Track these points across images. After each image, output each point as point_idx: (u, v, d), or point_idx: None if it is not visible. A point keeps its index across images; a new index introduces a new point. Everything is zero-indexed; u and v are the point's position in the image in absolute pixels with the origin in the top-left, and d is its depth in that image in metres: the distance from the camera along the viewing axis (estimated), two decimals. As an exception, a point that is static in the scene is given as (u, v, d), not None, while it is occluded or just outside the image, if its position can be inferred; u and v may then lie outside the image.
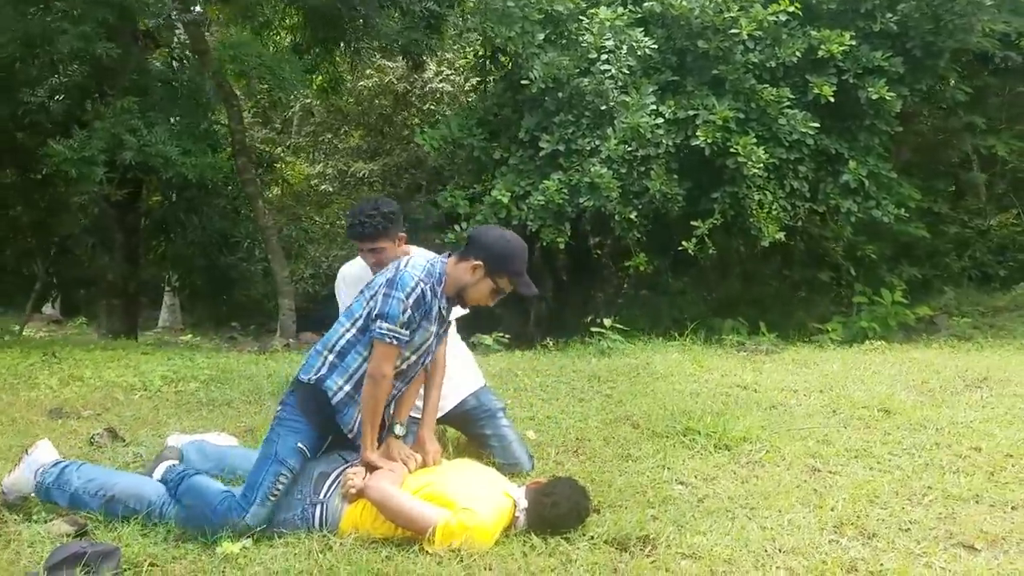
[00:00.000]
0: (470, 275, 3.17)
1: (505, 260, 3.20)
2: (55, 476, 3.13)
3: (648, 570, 2.81)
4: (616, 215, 9.76)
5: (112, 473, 3.25)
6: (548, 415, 4.81)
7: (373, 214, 3.57)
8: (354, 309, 3.19)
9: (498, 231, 3.37)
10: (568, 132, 9.92)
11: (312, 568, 2.72)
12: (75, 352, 7.21)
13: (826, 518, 3.30)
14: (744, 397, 5.29)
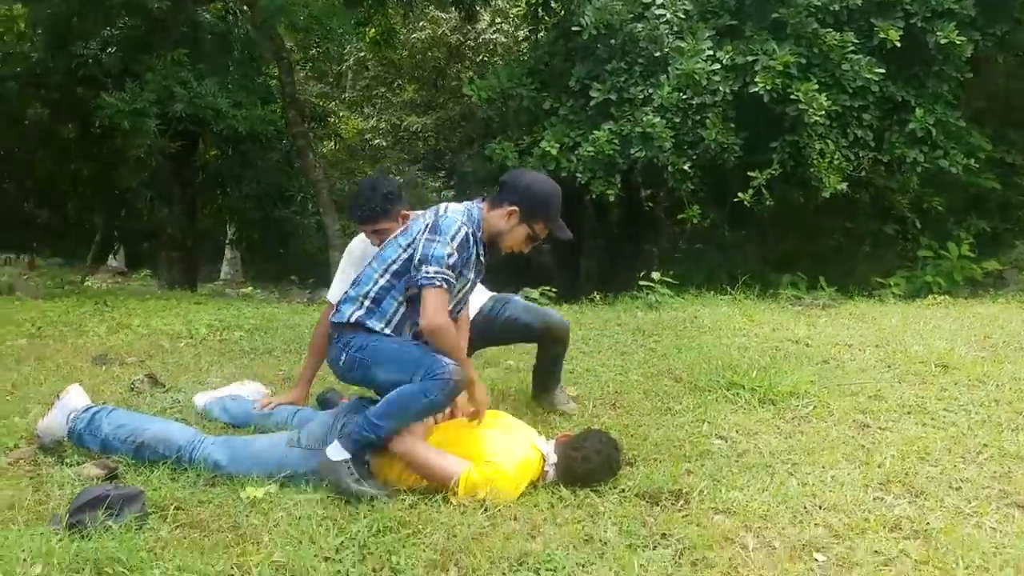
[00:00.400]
0: (505, 221, 3.08)
1: (541, 205, 3.11)
2: (86, 422, 3.14)
3: (679, 524, 2.70)
4: (669, 166, 9.51)
5: (142, 419, 3.24)
6: (588, 368, 4.70)
7: (372, 196, 3.46)
8: (387, 255, 3.09)
9: (531, 175, 3.24)
10: (620, 80, 9.66)
11: (335, 514, 2.68)
12: (128, 302, 7.32)
13: (872, 475, 3.15)
14: (795, 352, 5.10)
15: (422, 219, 3.10)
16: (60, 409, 3.18)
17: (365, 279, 3.11)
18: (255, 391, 3.81)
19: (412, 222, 3.16)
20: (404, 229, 3.16)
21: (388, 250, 3.11)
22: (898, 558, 2.51)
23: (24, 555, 2.24)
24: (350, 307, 3.07)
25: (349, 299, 3.11)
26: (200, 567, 2.30)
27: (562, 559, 2.44)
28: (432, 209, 3.13)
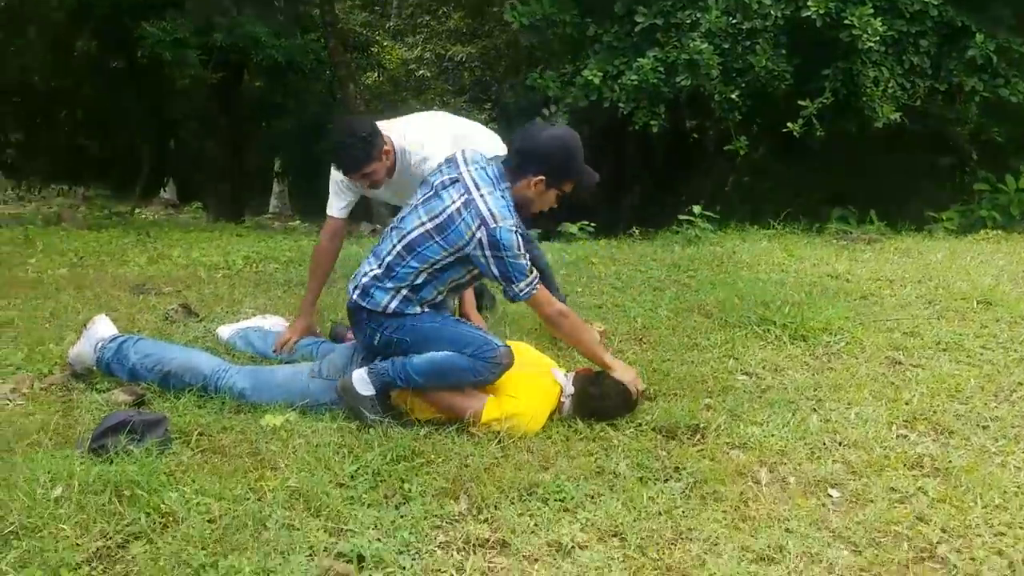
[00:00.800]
0: (532, 191, 2.96)
1: (565, 166, 2.97)
2: (113, 351, 3.20)
3: (692, 458, 2.69)
4: (716, 95, 9.25)
5: (168, 348, 3.30)
6: (617, 304, 4.65)
7: (353, 142, 3.27)
8: (428, 254, 2.88)
9: (548, 135, 3.00)
10: (667, 4, 9.36)
11: (351, 443, 2.72)
12: (171, 233, 7.45)
13: (898, 412, 3.09)
14: (833, 287, 4.99)
15: (467, 210, 2.84)
16: (88, 339, 3.25)
17: (402, 272, 2.92)
18: (277, 324, 3.86)
19: (441, 193, 2.93)
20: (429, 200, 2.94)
21: (427, 249, 2.89)
22: (914, 495, 2.47)
23: (46, 477, 2.31)
24: (385, 297, 2.94)
25: (382, 288, 2.94)
26: (217, 490, 2.36)
27: (571, 489, 2.45)
28: (466, 196, 2.87)
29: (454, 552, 2.15)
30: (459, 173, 2.95)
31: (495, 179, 2.93)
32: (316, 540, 2.15)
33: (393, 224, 3.07)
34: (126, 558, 2.05)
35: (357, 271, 3.07)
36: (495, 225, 2.80)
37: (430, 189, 2.98)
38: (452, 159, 3.04)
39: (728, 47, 9.18)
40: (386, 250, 2.98)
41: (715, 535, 2.24)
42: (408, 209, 3.02)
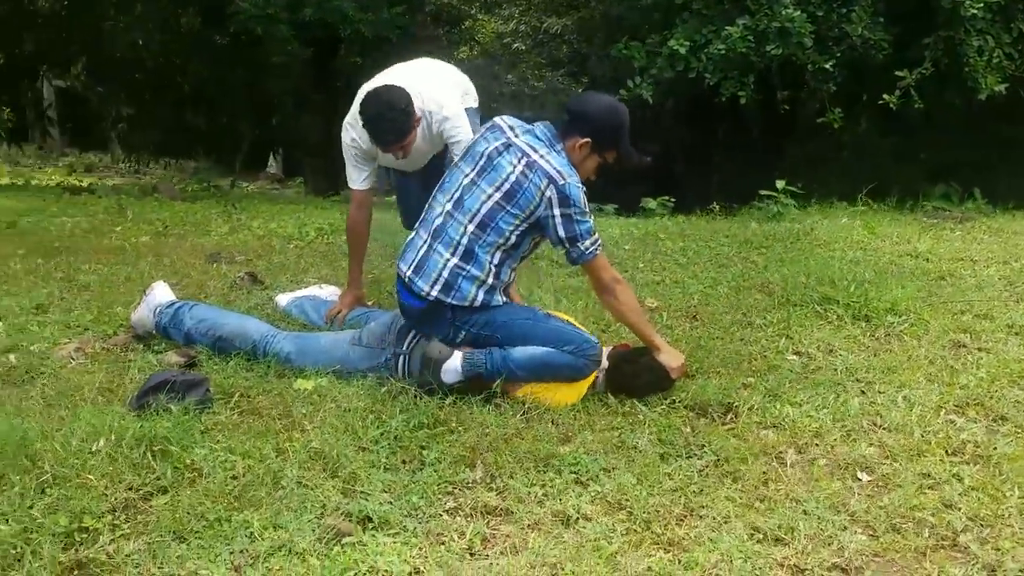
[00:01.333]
0: (576, 153, 2.94)
1: (612, 133, 2.98)
2: (170, 316, 3.35)
3: (719, 437, 2.64)
4: (809, 65, 8.91)
5: (221, 314, 3.43)
6: (676, 280, 4.57)
7: (394, 115, 3.19)
8: (501, 225, 2.85)
9: (601, 101, 3.06)
10: (759, -31, 9.06)
11: (379, 408, 2.78)
12: (258, 205, 7.69)
13: (950, 396, 2.96)
14: (909, 267, 4.78)
15: (528, 175, 2.83)
16: (147, 304, 3.40)
17: (482, 254, 2.87)
18: (332, 293, 3.95)
19: (497, 161, 2.89)
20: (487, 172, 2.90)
21: (501, 220, 2.86)
22: (948, 481, 2.37)
23: (88, 430, 2.45)
24: (472, 288, 2.89)
25: (469, 277, 2.89)
26: (244, 448, 2.45)
27: (587, 462, 2.45)
28: (526, 159, 2.85)
29: (460, 518, 2.18)
30: (508, 139, 2.94)
31: (548, 140, 2.93)
32: (328, 499, 2.21)
33: (447, 210, 2.95)
34: (148, 509, 2.16)
35: (420, 265, 2.95)
36: (563, 181, 2.81)
37: (481, 159, 2.94)
38: (494, 125, 3.02)
39: (822, 15, 8.84)
40: (456, 234, 2.90)
41: (726, 513, 2.20)
42: (463, 187, 2.93)
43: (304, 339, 3.28)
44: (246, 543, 2.01)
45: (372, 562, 1.93)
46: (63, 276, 4.36)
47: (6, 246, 5.03)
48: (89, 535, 2.02)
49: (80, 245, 5.18)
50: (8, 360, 3.13)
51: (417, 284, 2.94)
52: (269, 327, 3.34)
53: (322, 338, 3.28)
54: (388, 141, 3.28)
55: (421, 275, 2.94)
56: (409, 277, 2.97)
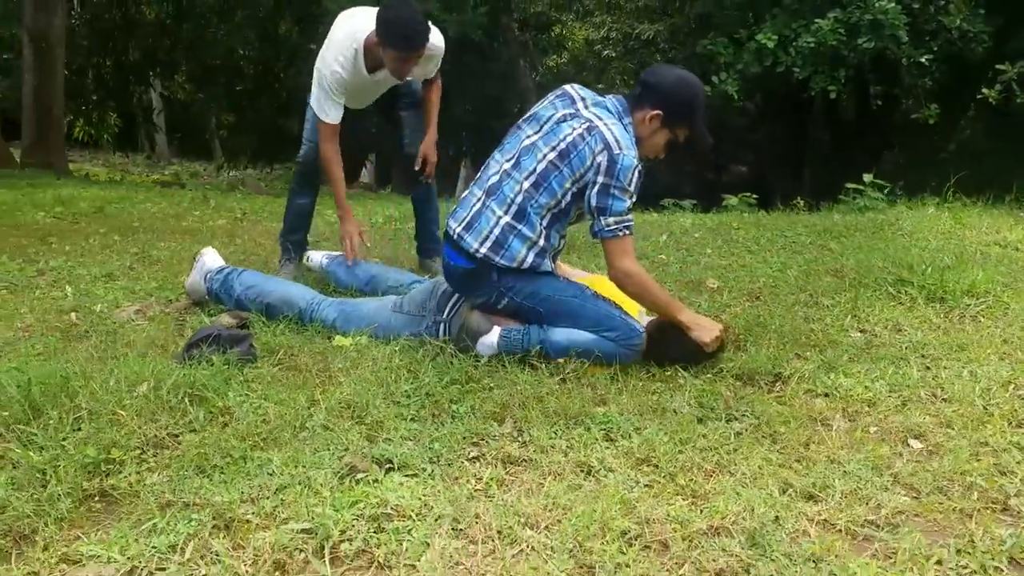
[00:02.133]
0: (646, 126, 2.84)
1: (686, 107, 2.85)
2: (220, 282, 3.41)
3: (763, 402, 2.53)
4: (904, 59, 8.58)
5: (268, 280, 3.46)
6: (744, 264, 4.43)
7: (422, 21, 3.43)
8: (554, 186, 2.79)
9: (675, 73, 2.90)
10: (853, -37, 8.78)
11: (414, 366, 2.76)
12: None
13: (1022, 373, 2.75)
14: (996, 254, 4.50)
15: (585, 139, 2.76)
16: (197, 270, 3.48)
17: (533, 214, 2.82)
18: None
19: (560, 125, 2.84)
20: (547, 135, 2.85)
21: (555, 180, 2.79)
22: (1006, 450, 2.20)
23: (133, 376, 2.51)
24: (523, 248, 2.84)
25: (520, 236, 2.83)
26: (279, 397, 2.48)
27: (620, 421, 2.37)
28: (586, 124, 2.78)
29: (480, 465, 2.14)
30: (576, 109, 2.86)
31: (617, 112, 2.84)
32: (351, 443, 2.20)
33: (504, 168, 2.91)
34: (176, 446, 2.19)
35: (471, 223, 2.89)
36: (618, 151, 2.72)
37: (546, 123, 2.88)
38: (564, 93, 2.95)
39: (918, 7, 8.53)
40: (511, 192, 2.85)
41: (759, 470, 2.10)
42: (523, 148, 2.89)
43: (348, 305, 3.30)
44: (266, 478, 2.02)
45: (383, 496, 1.91)
46: (137, 251, 4.52)
47: (89, 226, 5.27)
48: (115, 466, 2.07)
49: (158, 226, 5.38)
50: (70, 318, 3.26)
51: (467, 240, 2.88)
52: (314, 294, 3.37)
53: (364, 305, 3.29)
54: (420, 44, 3.44)
55: (471, 231, 2.88)
56: (459, 234, 2.91)
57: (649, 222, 5.86)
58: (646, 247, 4.81)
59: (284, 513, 1.86)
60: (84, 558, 1.72)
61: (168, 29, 14.16)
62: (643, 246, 4.85)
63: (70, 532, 1.82)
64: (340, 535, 1.77)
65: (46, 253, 4.41)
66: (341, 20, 3.69)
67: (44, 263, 4.15)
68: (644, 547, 1.76)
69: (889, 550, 1.75)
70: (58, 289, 3.73)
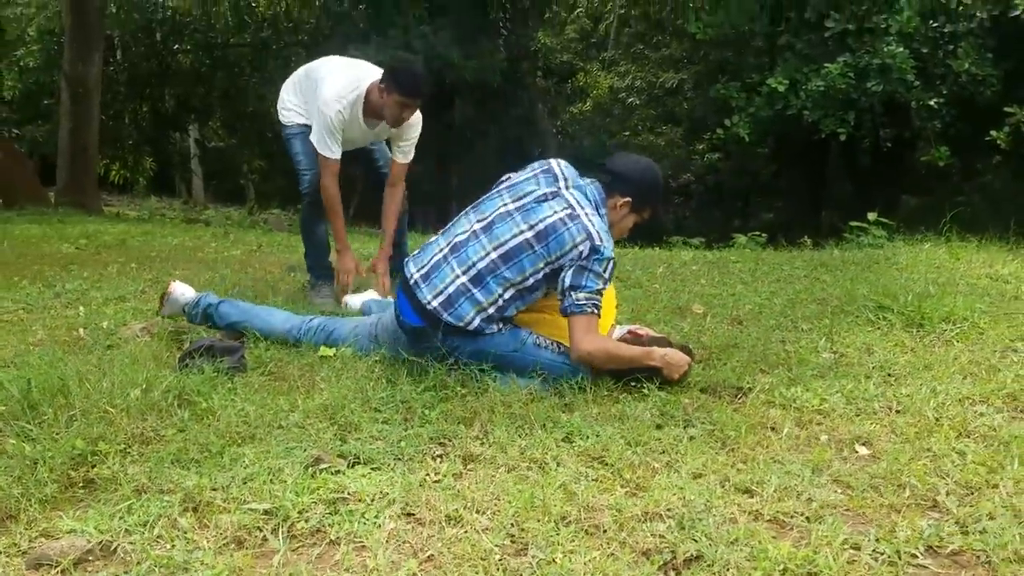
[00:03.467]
0: (616, 212, 3.00)
1: (652, 193, 3.07)
2: (201, 315, 3.53)
3: (721, 411, 2.63)
4: (913, 102, 8.71)
5: (246, 314, 3.51)
6: (733, 293, 4.54)
7: (426, 75, 3.97)
8: (522, 266, 2.86)
9: (641, 162, 3.12)
10: (860, 8, 8.97)
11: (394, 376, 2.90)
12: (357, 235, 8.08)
13: (982, 390, 2.83)
14: (984, 286, 4.57)
15: (567, 225, 2.83)
16: (170, 306, 3.62)
17: (493, 284, 2.88)
18: None
19: (541, 204, 2.90)
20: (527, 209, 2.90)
21: (525, 259, 2.87)
22: (947, 455, 2.28)
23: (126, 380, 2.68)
24: (471, 312, 2.89)
25: (471, 299, 2.89)
26: (259, 401, 2.63)
27: (581, 426, 2.49)
28: (569, 212, 2.85)
29: (442, 462, 2.27)
30: (557, 188, 2.95)
31: (596, 202, 2.95)
32: (323, 440, 2.35)
33: (474, 229, 2.97)
34: (159, 441, 2.35)
35: (429, 273, 2.98)
36: (600, 243, 2.82)
37: (526, 197, 2.94)
38: (549, 169, 3.02)
39: (927, 52, 8.67)
40: (476, 255, 2.91)
41: (703, 468, 2.20)
42: (498, 214, 2.95)
43: (331, 331, 3.40)
44: (238, 470, 2.16)
45: (342, 483, 2.05)
46: (151, 278, 4.75)
47: (110, 256, 5.51)
48: (100, 457, 2.22)
49: (176, 256, 5.62)
50: (78, 333, 3.45)
51: (421, 290, 2.96)
52: (294, 322, 3.42)
53: (344, 329, 3.37)
54: (422, 94, 3.92)
55: (427, 282, 2.96)
56: (416, 280, 2.99)
57: (651, 255, 6.00)
58: (641, 277, 4.95)
59: (248, 497, 2.00)
60: (61, 533, 1.87)
61: (203, 77, 14.68)
62: (639, 276, 4.99)
63: (52, 513, 1.97)
64: (298, 516, 1.91)
65: (64, 278, 4.64)
66: (341, 65, 4.12)
67: (61, 286, 4.38)
68: (579, 529, 1.87)
69: (809, 535, 1.85)
70: (71, 309, 3.94)
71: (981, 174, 10.66)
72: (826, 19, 9.12)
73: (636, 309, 4.02)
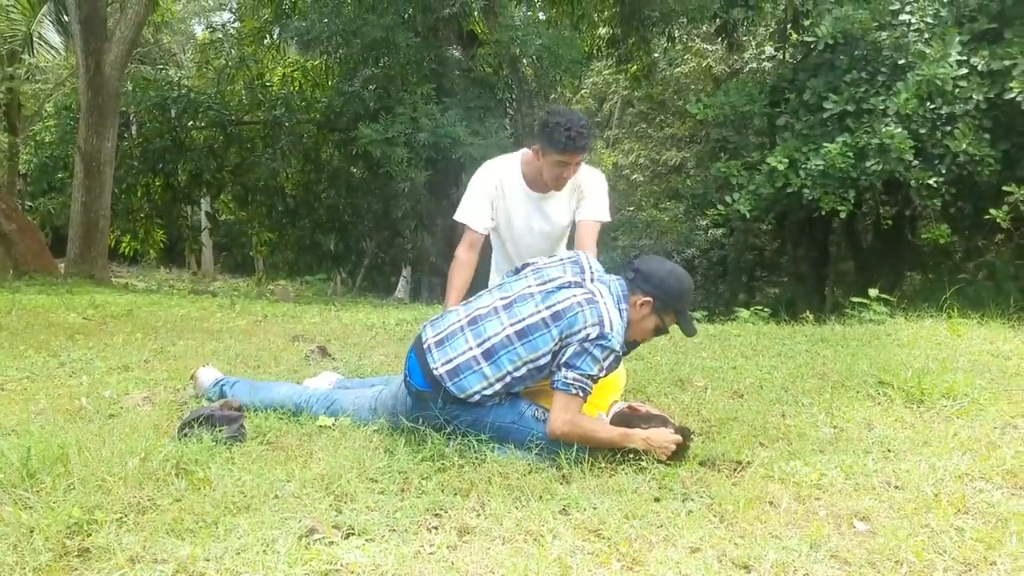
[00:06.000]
0: (637, 310, 2.98)
1: (676, 297, 3.01)
2: (217, 393, 3.56)
3: (720, 485, 2.62)
4: (912, 181, 8.83)
5: (255, 392, 3.50)
6: (734, 366, 4.54)
7: (585, 125, 3.39)
8: (538, 343, 2.87)
9: (668, 265, 3.09)
10: (859, 91, 9.17)
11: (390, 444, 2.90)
12: (360, 306, 8.13)
13: (981, 467, 2.82)
14: (985, 363, 4.57)
15: (580, 310, 2.85)
16: (198, 390, 3.65)
17: (505, 360, 2.90)
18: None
19: (563, 288, 2.94)
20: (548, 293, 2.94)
21: (540, 338, 2.87)
22: (946, 532, 2.27)
23: (126, 450, 2.70)
24: (476, 386, 2.90)
25: (478, 372, 2.91)
26: (256, 470, 2.63)
27: (578, 498, 2.49)
28: (588, 299, 2.88)
29: (438, 534, 2.26)
30: (581, 279, 2.99)
31: (618, 297, 2.97)
32: (319, 511, 2.34)
33: (495, 305, 3.01)
34: (156, 509, 2.35)
35: (443, 340, 3.00)
36: (610, 332, 2.82)
37: (550, 282, 2.99)
38: (577, 260, 3.09)
39: (925, 132, 8.82)
40: (492, 330, 2.93)
41: (700, 542, 2.19)
42: (520, 295, 2.99)
43: (333, 401, 3.41)
44: (233, 541, 2.16)
45: (336, 555, 2.04)
46: (155, 347, 4.77)
47: (116, 326, 5.56)
48: (97, 527, 2.22)
49: (181, 326, 5.66)
50: (80, 402, 3.47)
51: (433, 355, 2.98)
52: (298, 394, 3.43)
53: (345, 402, 3.36)
54: (580, 147, 3.39)
55: (440, 348, 2.98)
56: (430, 345, 3.01)
57: (653, 330, 6.00)
58: (643, 349, 4.93)
59: (242, 568, 1.99)
60: (53, 601, 1.86)
61: (216, 152, 14.95)
62: (641, 348, 4.97)
63: (45, 580, 1.97)
64: (290, 587, 1.90)
65: (70, 347, 4.68)
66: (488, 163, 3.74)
67: (66, 356, 4.41)
68: (572, 603, 1.86)
69: (805, 611, 1.83)
70: (75, 378, 3.96)
71: (983, 252, 10.72)
72: (824, 100, 9.30)
73: (637, 381, 4.03)
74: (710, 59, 19.86)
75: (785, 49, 11.65)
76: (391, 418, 3.17)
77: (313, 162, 15.92)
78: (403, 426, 3.04)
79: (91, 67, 11.26)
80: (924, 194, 8.83)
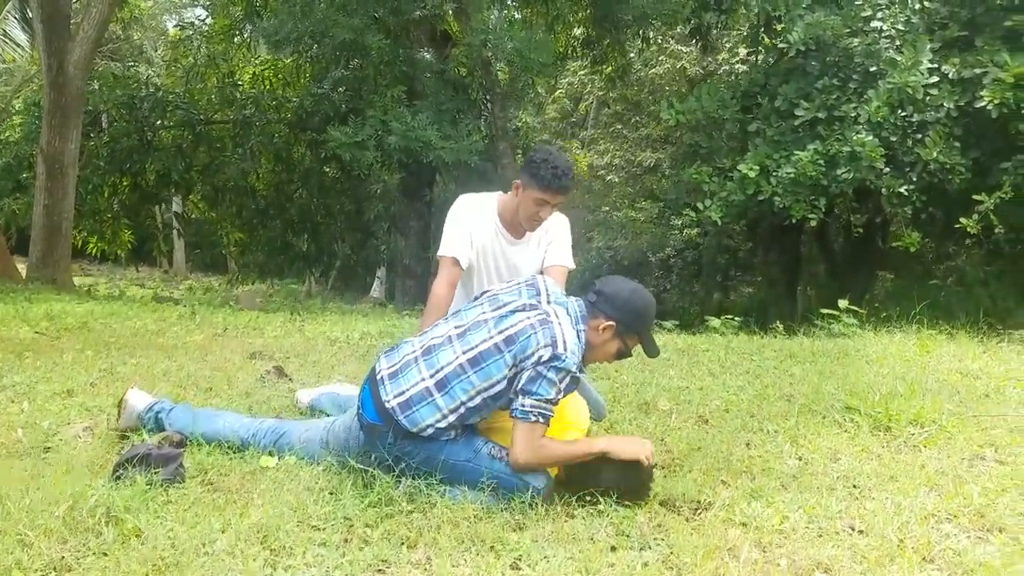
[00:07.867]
0: (598, 334, 2.90)
1: (639, 320, 2.94)
2: (154, 421, 3.39)
3: (679, 531, 2.52)
4: (884, 188, 8.79)
5: (196, 421, 3.35)
6: (701, 387, 4.46)
7: (571, 168, 3.38)
8: (491, 369, 2.76)
9: (630, 286, 2.99)
10: (831, 98, 9.13)
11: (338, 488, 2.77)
12: (326, 315, 7.99)
13: (947, 506, 2.74)
14: (952, 382, 4.52)
15: (534, 335, 2.74)
16: (127, 416, 3.43)
17: (459, 390, 2.80)
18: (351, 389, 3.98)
19: (516, 312, 2.85)
20: (502, 318, 2.85)
21: (493, 364, 2.77)
22: (908, 587, 2.18)
23: (53, 496, 2.55)
24: (429, 419, 2.79)
25: (431, 403, 2.80)
26: (191, 520, 2.49)
27: (531, 548, 2.37)
28: (543, 322, 2.77)
29: (377, 593, 2.14)
30: (537, 301, 2.91)
31: (575, 318, 2.88)
32: (250, 570, 2.21)
33: (449, 334, 2.92)
34: (79, 568, 2.21)
35: (397, 372, 2.91)
36: (563, 352, 2.71)
37: (504, 307, 2.91)
38: (534, 283, 3.01)
39: (896, 139, 8.78)
40: (445, 360, 2.84)
41: (652, 602, 2.09)
42: (474, 322, 2.90)
43: (281, 434, 3.26)
44: (158, 603, 2.03)
45: (263, 624, 1.92)
46: (104, 368, 4.60)
47: (68, 342, 5.38)
48: (13, 587, 2.09)
49: (134, 343, 5.49)
50: (16, 435, 3.31)
51: (386, 387, 2.88)
52: (244, 427, 3.27)
53: (294, 434, 3.22)
54: (564, 187, 3.34)
55: (394, 380, 2.89)
56: (383, 377, 2.92)
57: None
58: (610, 367, 4.85)
59: (163, 638, 1.86)
60: None
61: (184, 151, 14.71)
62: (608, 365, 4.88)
63: (-50, 654, 1.83)
64: (212, 662, 1.77)
65: (16, 368, 4.49)
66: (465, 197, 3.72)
67: (9, 379, 4.23)
68: None
69: None
70: (16, 404, 3.79)
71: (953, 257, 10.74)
72: (796, 107, 9.26)
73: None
74: (684, 60, 19.83)
75: (758, 53, 11.57)
76: (343, 452, 3.03)
77: (284, 162, 15.72)
78: (350, 465, 2.91)
79: (54, 67, 11.00)
80: (895, 202, 8.80)
